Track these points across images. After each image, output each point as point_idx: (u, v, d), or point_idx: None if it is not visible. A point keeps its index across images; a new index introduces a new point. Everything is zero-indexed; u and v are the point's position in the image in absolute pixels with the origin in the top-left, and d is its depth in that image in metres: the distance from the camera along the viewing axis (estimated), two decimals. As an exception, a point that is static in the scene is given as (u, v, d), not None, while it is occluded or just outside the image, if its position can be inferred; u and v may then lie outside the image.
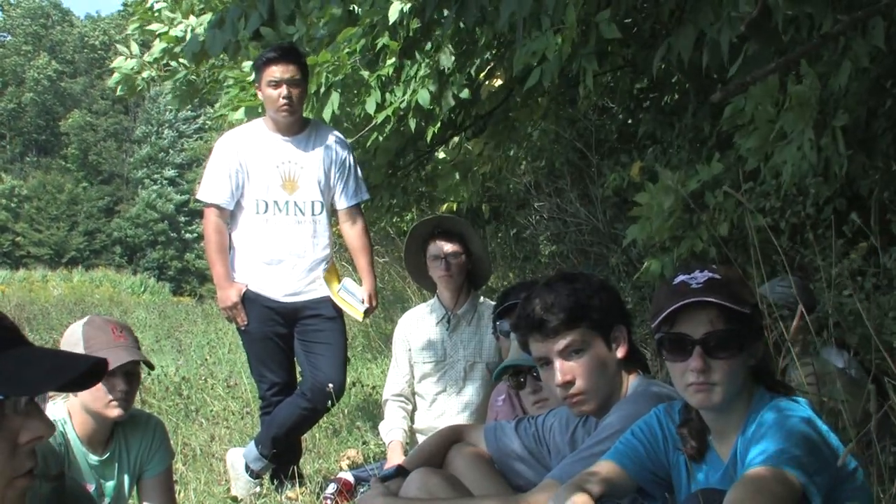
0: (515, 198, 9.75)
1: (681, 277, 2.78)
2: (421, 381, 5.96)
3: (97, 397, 3.93)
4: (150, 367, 4.32)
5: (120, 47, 8.97)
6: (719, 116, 5.14)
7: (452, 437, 3.72)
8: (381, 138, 6.86)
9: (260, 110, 6.60)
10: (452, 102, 6.22)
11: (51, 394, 4.16)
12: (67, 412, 4.05)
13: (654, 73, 5.41)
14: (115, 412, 3.98)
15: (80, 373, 1.54)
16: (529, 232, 9.64)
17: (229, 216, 6.02)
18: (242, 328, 6.09)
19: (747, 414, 2.75)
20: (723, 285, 2.73)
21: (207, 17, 6.96)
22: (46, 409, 3.88)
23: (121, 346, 3.95)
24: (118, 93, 9.21)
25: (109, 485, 4.18)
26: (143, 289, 37.51)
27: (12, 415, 1.48)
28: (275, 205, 5.96)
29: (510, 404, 4.80)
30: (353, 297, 6.04)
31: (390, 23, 5.72)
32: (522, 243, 9.92)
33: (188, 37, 7.60)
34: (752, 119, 4.52)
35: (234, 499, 5.47)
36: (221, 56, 7.61)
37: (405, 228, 10.98)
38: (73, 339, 3.92)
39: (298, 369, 6.27)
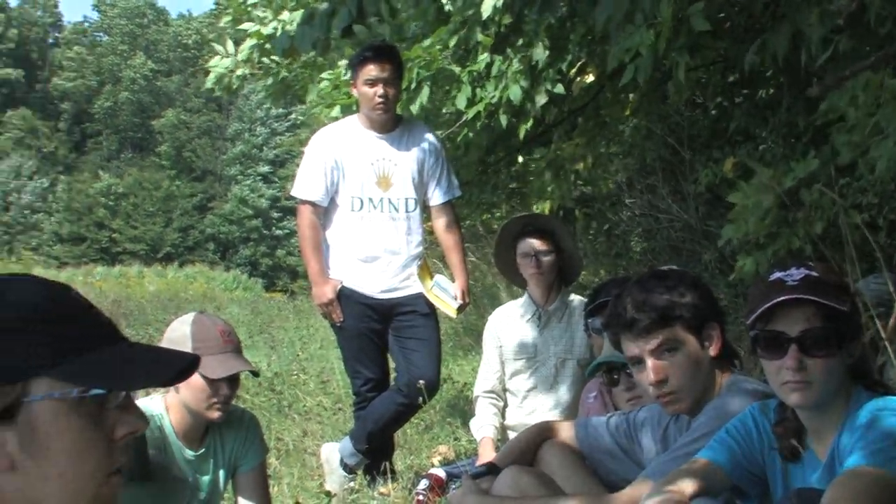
0: (607, 194, 9.68)
1: (777, 274, 2.75)
2: (512, 378, 5.95)
3: (199, 398, 3.97)
4: (256, 374, 4.37)
5: (216, 46, 9.06)
6: (814, 111, 5.07)
7: (543, 434, 3.71)
8: (470, 134, 6.86)
9: (354, 108, 6.63)
10: (545, 98, 6.19)
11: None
12: (165, 407, 4.09)
13: (747, 69, 5.34)
14: (215, 415, 4.02)
15: (177, 370, 1.57)
16: (621, 229, 9.57)
17: (323, 213, 6.08)
18: (338, 324, 6.12)
19: (845, 413, 2.72)
20: (819, 282, 2.69)
21: (299, 14, 7.02)
22: (144, 402, 3.95)
23: (229, 352, 3.97)
24: (216, 93, 9.32)
25: (205, 479, 4.22)
26: (236, 285, 37.89)
27: (111, 410, 1.51)
28: (369, 202, 5.99)
29: (602, 401, 4.78)
30: (446, 294, 6.05)
31: (483, 18, 5.72)
32: (614, 240, 9.84)
33: (278, 33, 7.66)
34: (848, 114, 4.45)
35: (328, 493, 5.50)
36: (312, 54, 7.67)
37: (495, 226, 10.97)
38: (178, 337, 3.93)
39: (391, 365, 6.30)
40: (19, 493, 1.43)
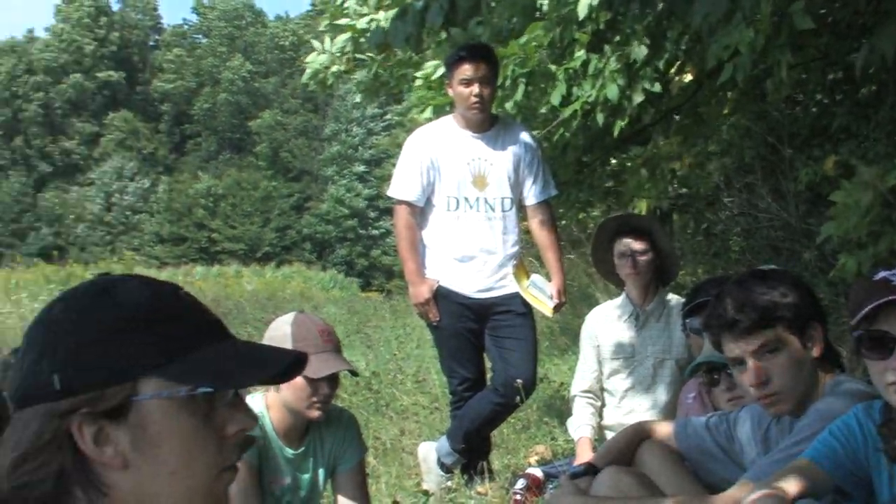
0: (705, 193, 9.58)
1: (882, 274, 2.71)
2: (609, 378, 5.93)
3: (300, 398, 4.01)
4: (355, 374, 4.41)
5: (314, 42, 9.14)
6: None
7: (642, 434, 3.69)
8: (567, 134, 6.83)
9: (448, 108, 6.65)
10: (642, 97, 6.14)
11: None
12: (266, 406, 4.15)
13: (859, 73, 5.24)
14: (315, 414, 4.06)
15: (284, 368, 1.59)
16: (719, 228, 9.47)
17: (419, 213, 6.11)
18: (434, 324, 6.15)
19: None
20: None
21: (394, 12, 7.07)
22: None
23: (329, 351, 4.01)
24: (310, 88, 9.40)
25: (305, 478, 4.27)
26: (332, 284, 38.17)
27: (220, 408, 1.53)
28: (465, 201, 6.01)
29: (700, 402, 4.74)
30: (542, 293, 6.04)
31: (580, 18, 5.70)
32: (711, 239, 9.74)
33: (373, 28, 7.72)
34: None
35: (426, 493, 5.54)
36: (407, 52, 7.70)
37: (591, 226, 10.92)
38: (279, 336, 3.98)
39: (488, 365, 6.31)
40: (133, 490, 1.46)
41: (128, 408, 1.44)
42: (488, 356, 6.23)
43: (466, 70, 5.82)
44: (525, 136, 6.10)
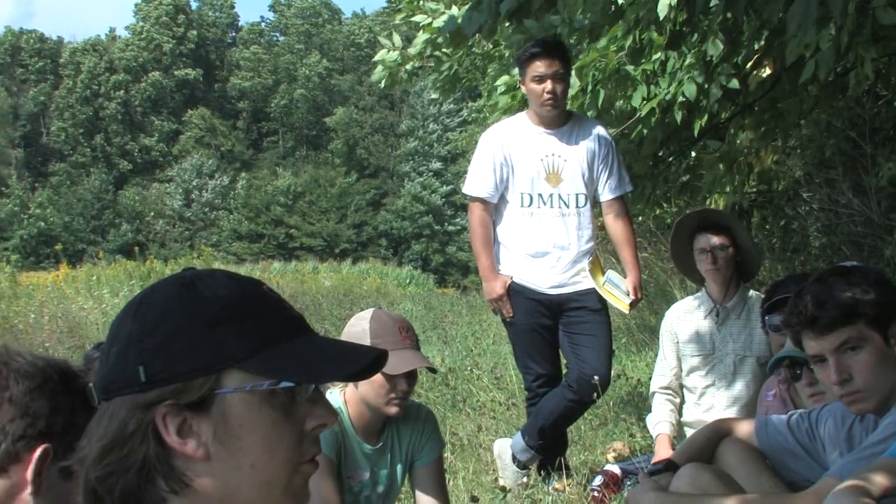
0: (784, 189, 9.49)
1: None
2: (689, 375, 5.90)
3: (379, 394, 4.04)
4: (434, 371, 4.43)
5: (382, 40, 9.16)
6: None
7: (722, 432, 3.67)
8: (645, 131, 6.80)
9: (519, 106, 6.65)
10: (720, 93, 6.09)
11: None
12: (344, 401, 4.18)
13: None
14: (393, 410, 4.08)
15: (365, 364, 1.60)
16: (798, 224, 9.37)
17: (493, 210, 6.12)
18: (508, 320, 6.16)
19: None
20: None
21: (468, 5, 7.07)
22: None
23: (408, 348, 4.02)
24: (381, 85, 9.43)
25: (383, 473, 4.29)
26: (408, 280, 38.26)
27: (300, 402, 1.55)
28: (539, 198, 6.00)
29: (781, 399, 4.70)
30: (618, 290, 6.02)
31: (660, 18, 5.67)
32: (791, 235, 9.65)
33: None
34: None
35: (503, 489, 5.55)
36: (482, 45, 7.70)
37: (668, 221, 10.85)
38: (357, 332, 4.00)
39: (563, 361, 6.30)
40: (214, 482, 1.49)
41: (211, 400, 1.47)
42: (562, 353, 6.22)
43: (539, 67, 5.81)
44: (600, 132, 6.07)
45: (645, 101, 6.39)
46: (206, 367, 1.46)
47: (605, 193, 6.08)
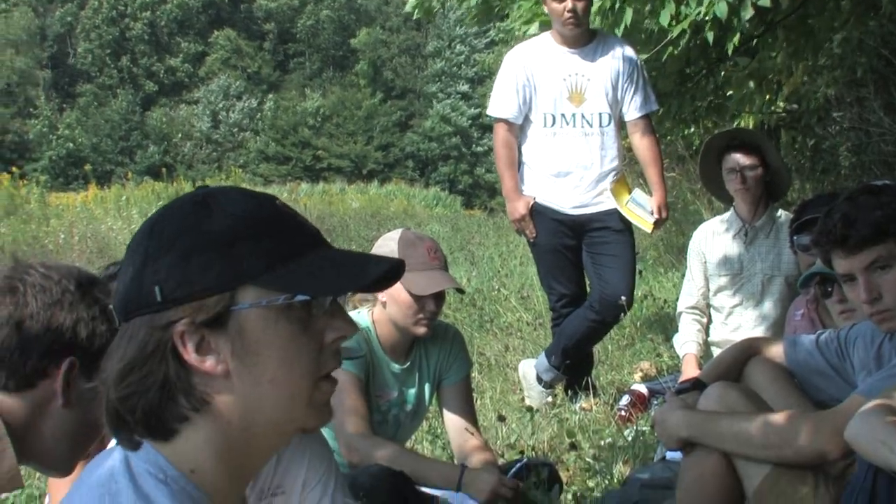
0: (814, 108, 9.38)
1: None
2: (716, 294, 5.88)
3: (406, 314, 4.05)
4: (462, 291, 4.44)
5: None
6: None
7: (750, 351, 3.65)
8: (675, 51, 6.71)
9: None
10: (751, 12, 5.99)
11: (357, 299, 4.34)
12: (372, 321, 4.19)
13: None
14: (421, 330, 4.10)
15: (381, 274, 1.60)
16: (828, 143, 9.28)
17: (519, 130, 6.09)
18: (531, 240, 6.17)
19: None
20: None
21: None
22: (352, 315, 4.05)
23: (436, 268, 4.03)
24: (414, 17, 9.36)
25: (411, 392, 4.32)
26: (435, 202, 38.23)
27: (318, 315, 1.54)
28: (562, 118, 5.98)
29: (809, 319, 4.69)
30: (642, 209, 5.99)
31: None
32: (821, 154, 9.56)
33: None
34: None
35: (530, 408, 5.57)
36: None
37: (696, 143, 10.78)
38: (385, 252, 3.97)
39: (588, 281, 6.30)
40: (235, 398, 1.50)
41: (228, 317, 1.47)
42: (586, 273, 6.22)
43: None
44: (625, 50, 6.01)
45: (674, 22, 6.29)
46: (220, 285, 1.47)
47: (631, 112, 6.04)
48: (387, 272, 1.59)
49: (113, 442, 1.57)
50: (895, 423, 2.54)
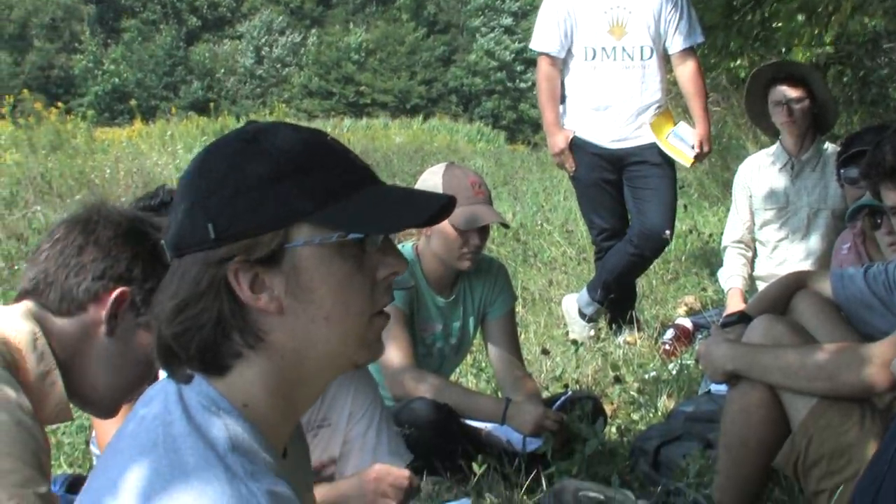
0: (863, 41, 9.23)
1: None
2: (762, 228, 5.85)
3: (451, 248, 4.06)
4: (506, 226, 4.44)
5: None
6: None
7: (796, 284, 3.62)
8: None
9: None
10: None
11: (401, 233, 4.36)
12: (416, 255, 4.20)
13: None
14: (465, 265, 4.11)
15: (434, 211, 1.59)
16: (877, 76, 9.16)
17: (562, 64, 6.06)
18: (571, 175, 6.17)
19: None
20: None
21: None
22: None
23: (481, 202, 4.03)
24: None
25: (455, 326, 4.34)
26: (479, 137, 38.05)
27: (371, 252, 1.54)
28: (602, 51, 5.95)
29: (856, 252, 4.66)
30: (682, 143, 5.95)
31: None
32: (869, 87, 9.44)
33: None
34: None
35: (574, 342, 5.59)
36: None
37: (742, 76, 10.65)
38: (429, 187, 3.97)
39: (629, 215, 6.29)
40: (289, 336, 1.50)
41: (282, 255, 1.47)
42: (628, 206, 6.20)
43: None
44: None
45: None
46: (273, 223, 1.46)
47: (674, 45, 5.99)
48: (440, 208, 1.59)
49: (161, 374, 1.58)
50: None
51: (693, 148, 5.94)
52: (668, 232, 5.89)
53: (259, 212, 1.46)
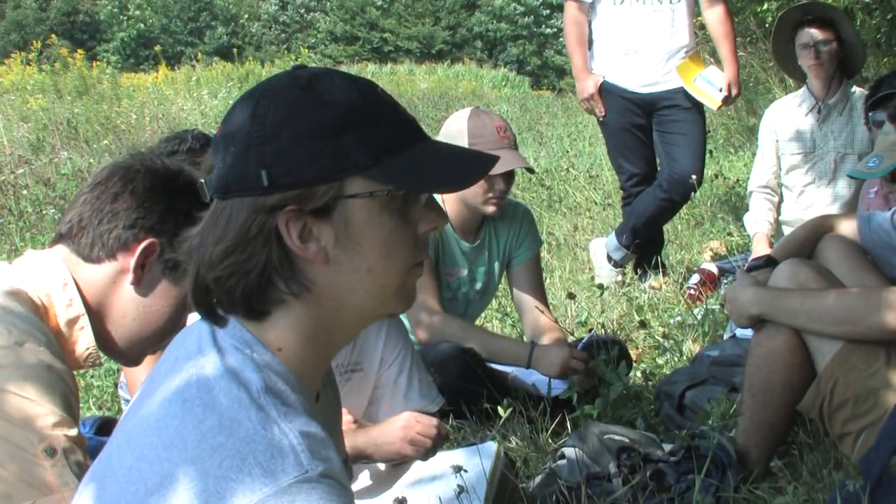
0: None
1: None
2: (788, 173, 5.83)
3: (476, 193, 4.05)
4: (531, 171, 4.43)
5: None
6: None
7: (823, 228, 3.61)
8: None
9: None
10: None
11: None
12: (441, 200, 4.19)
13: None
14: (491, 209, 4.10)
15: (478, 172, 1.60)
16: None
17: (589, 8, 6.04)
18: (601, 119, 6.15)
19: None
20: None
21: None
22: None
23: (506, 147, 4.01)
24: None
25: (480, 270, 4.35)
26: (504, 83, 37.92)
27: (415, 208, 1.55)
28: (631, -7, 5.94)
29: (883, 196, 4.63)
30: (710, 87, 5.93)
31: None
32: (898, 33, 9.34)
33: None
34: None
35: (600, 286, 5.58)
36: None
37: (768, 20, 10.55)
38: (455, 132, 3.99)
39: (658, 160, 6.27)
40: (332, 285, 1.52)
41: (334, 206, 1.48)
42: (657, 152, 6.18)
43: None
44: None
45: None
46: (329, 174, 1.47)
47: (702, -13, 5.97)
48: (483, 168, 1.61)
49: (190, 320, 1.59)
50: None
51: (721, 91, 5.92)
52: (693, 177, 5.88)
53: (315, 163, 1.46)
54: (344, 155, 1.47)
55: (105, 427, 3.34)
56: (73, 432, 2.03)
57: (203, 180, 1.55)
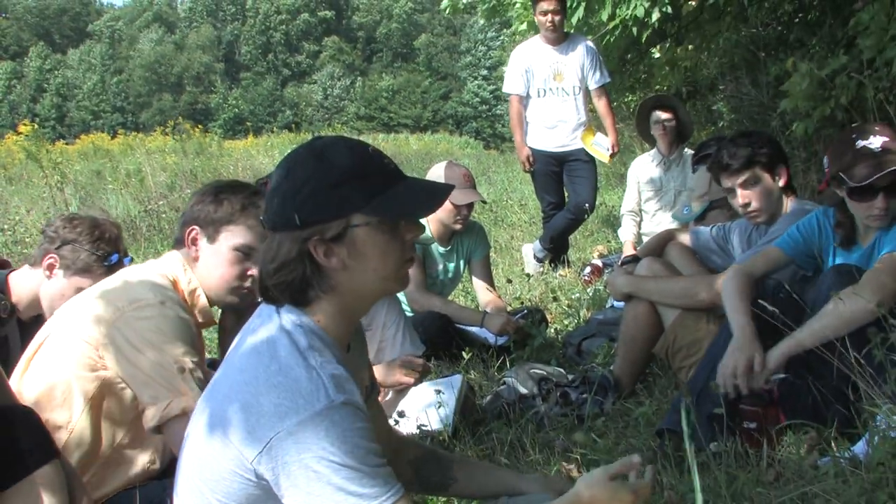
0: (707, 84, 9.19)
1: (860, 142, 2.53)
2: (646, 202, 5.83)
3: (450, 216, 4.06)
4: (485, 202, 4.41)
5: None
6: (846, 26, 4.67)
7: (668, 237, 3.62)
8: (612, 39, 6.50)
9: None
10: (658, 15, 5.81)
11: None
12: (427, 220, 4.17)
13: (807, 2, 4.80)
14: (458, 226, 4.11)
15: (444, 200, 1.60)
16: (716, 105, 9.13)
17: (525, 99, 6.04)
18: (530, 170, 6.16)
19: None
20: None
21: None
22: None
23: (469, 187, 4.03)
24: (446, 14, 9.21)
25: (451, 266, 4.33)
26: (467, 145, 37.59)
27: (403, 224, 1.55)
28: (549, 91, 5.95)
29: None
30: (601, 147, 5.96)
31: None
32: (712, 112, 9.39)
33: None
34: (870, 26, 4.08)
35: (528, 275, 5.59)
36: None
37: (632, 107, 10.57)
38: (435, 176, 4.04)
39: (566, 194, 6.27)
40: (348, 283, 1.53)
41: (345, 234, 1.48)
42: (566, 189, 6.19)
43: (543, 5, 5.75)
44: (587, 44, 5.98)
45: (611, 19, 6.13)
46: (339, 214, 1.47)
47: (592, 84, 5.97)
48: (447, 195, 1.61)
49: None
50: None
51: (608, 150, 5.93)
52: (588, 205, 5.89)
53: (329, 207, 1.47)
54: (346, 200, 1.48)
55: (213, 365, 3.32)
56: (196, 359, 2.12)
57: (262, 218, 1.57)
